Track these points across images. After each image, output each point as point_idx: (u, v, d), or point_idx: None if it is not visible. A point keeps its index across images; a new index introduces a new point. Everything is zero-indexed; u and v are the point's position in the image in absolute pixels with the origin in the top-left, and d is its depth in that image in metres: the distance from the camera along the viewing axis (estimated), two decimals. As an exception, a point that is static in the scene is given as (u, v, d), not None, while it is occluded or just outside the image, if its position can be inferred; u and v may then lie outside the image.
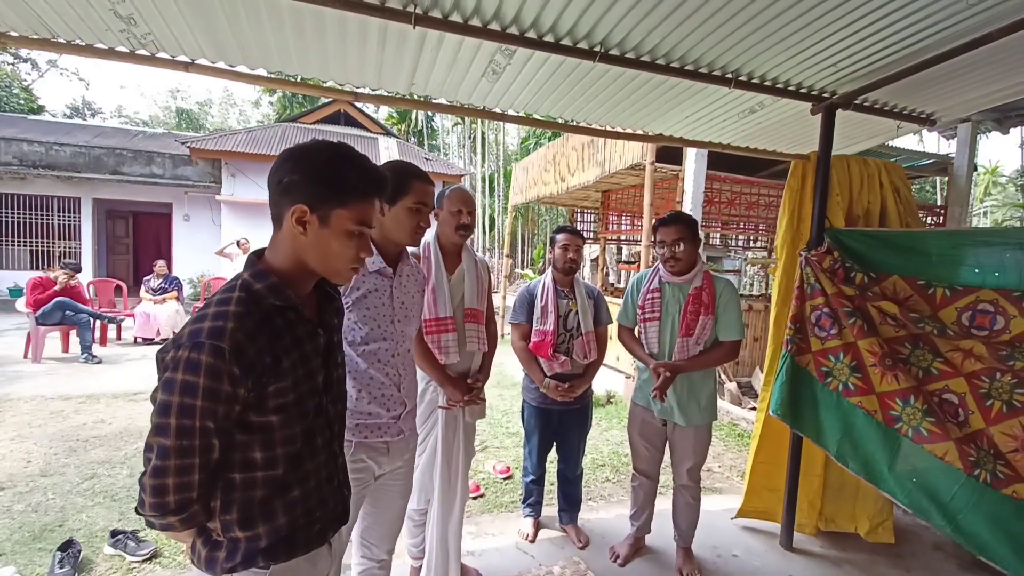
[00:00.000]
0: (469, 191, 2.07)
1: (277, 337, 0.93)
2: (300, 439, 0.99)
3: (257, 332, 0.90)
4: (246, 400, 0.90)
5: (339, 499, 1.12)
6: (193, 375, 0.85)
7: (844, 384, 2.32)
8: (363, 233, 1.00)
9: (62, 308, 6.33)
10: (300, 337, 0.98)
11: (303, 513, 1.01)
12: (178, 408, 0.86)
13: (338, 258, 0.99)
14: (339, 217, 0.97)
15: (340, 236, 0.97)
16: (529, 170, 9.76)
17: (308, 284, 1.04)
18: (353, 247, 0.99)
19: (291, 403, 0.95)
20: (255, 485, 0.95)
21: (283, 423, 0.95)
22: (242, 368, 0.87)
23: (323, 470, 1.05)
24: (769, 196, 6.07)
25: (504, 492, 3.20)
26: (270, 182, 0.98)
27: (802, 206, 2.62)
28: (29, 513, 2.74)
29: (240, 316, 0.89)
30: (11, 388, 5.04)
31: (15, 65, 24.12)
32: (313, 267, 1.00)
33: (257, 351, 0.89)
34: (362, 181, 0.98)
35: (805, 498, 2.74)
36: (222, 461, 0.92)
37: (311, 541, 1.03)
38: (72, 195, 11.71)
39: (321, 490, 1.04)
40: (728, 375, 5.29)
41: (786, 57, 2.08)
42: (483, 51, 2.00)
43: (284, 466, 0.97)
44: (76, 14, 1.74)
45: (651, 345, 2.32)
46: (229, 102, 38.49)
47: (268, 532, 0.96)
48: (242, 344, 0.87)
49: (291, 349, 0.95)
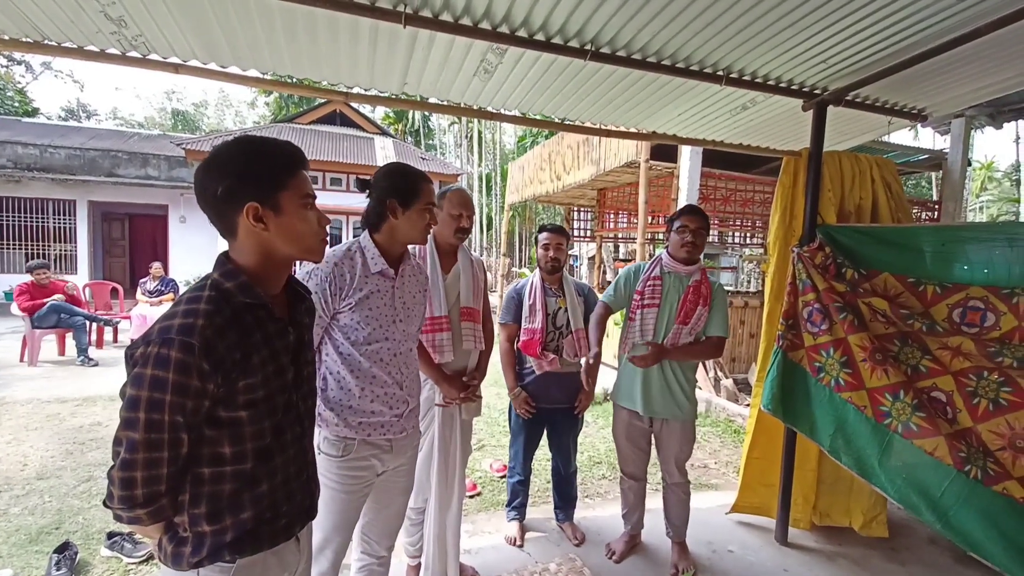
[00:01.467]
0: (468, 193, 2.08)
1: (247, 334, 0.95)
2: (269, 434, 1.00)
3: (227, 329, 0.91)
4: (215, 395, 0.91)
5: (307, 494, 1.13)
6: (163, 370, 0.86)
7: (835, 379, 2.33)
8: (312, 204, 1.03)
9: (58, 311, 6.31)
10: (270, 334, 0.99)
11: (269, 506, 1.01)
12: (147, 402, 0.86)
13: (306, 235, 1.02)
14: (287, 199, 0.99)
15: (298, 214, 1.00)
16: (525, 169, 9.77)
17: (278, 282, 1.05)
18: (313, 218, 1.03)
19: (261, 399, 0.97)
20: (224, 479, 0.96)
21: (252, 418, 0.96)
22: (211, 363, 0.88)
23: (292, 465, 1.06)
24: (764, 193, 6.09)
25: (501, 490, 3.20)
26: (203, 199, 0.98)
27: (794, 202, 2.63)
28: (25, 516, 2.74)
29: (210, 313, 0.91)
30: (7, 391, 5.02)
31: (8, 67, 24.05)
32: (286, 254, 1.02)
33: (226, 347, 0.91)
34: (287, 159, 1.01)
35: (800, 493, 2.75)
36: (191, 456, 0.93)
37: (277, 535, 1.04)
38: (67, 198, 11.68)
39: (289, 484, 1.05)
40: (724, 371, 5.31)
41: (777, 54, 2.09)
42: (474, 50, 2.01)
43: (253, 460, 0.98)
44: (67, 16, 1.74)
45: (647, 330, 2.33)
46: (225, 103, 38.42)
47: (234, 525, 0.97)
48: (211, 340, 0.89)
49: (261, 346, 0.97)
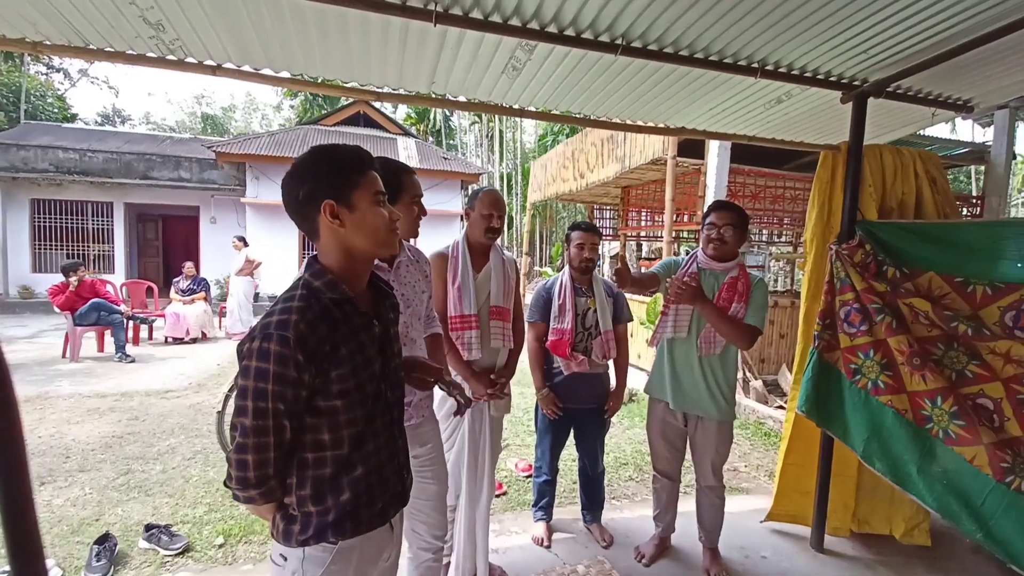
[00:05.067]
0: (499, 193, 2.08)
1: (335, 328, 1.03)
2: (362, 421, 1.08)
3: (317, 323, 1.00)
4: (312, 386, 1.00)
5: (399, 479, 1.20)
6: (264, 362, 0.95)
7: (874, 382, 2.25)
8: (383, 200, 1.11)
9: (97, 309, 6.55)
10: (356, 328, 1.08)
11: (365, 490, 1.09)
12: (253, 392, 0.96)
13: (379, 228, 1.09)
14: (359, 197, 1.07)
15: (370, 209, 1.08)
16: (548, 167, 9.73)
17: (362, 278, 1.14)
18: (384, 213, 1.10)
19: (352, 388, 1.05)
20: (325, 464, 1.05)
21: (346, 407, 1.05)
22: (305, 355, 0.97)
23: (383, 451, 1.14)
24: (795, 189, 5.92)
25: (526, 490, 3.19)
26: (288, 204, 1.09)
27: (832, 198, 2.54)
28: (68, 507, 2.85)
29: (302, 310, 1.00)
30: (51, 386, 5.24)
31: (48, 75, 25.10)
32: (363, 249, 1.10)
33: (318, 340, 0.99)
34: (356, 160, 1.10)
35: (839, 499, 2.66)
36: (296, 442, 1.03)
37: (374, 519, 1.11)
38: (105, 200, 12.12)
39: (382, 469, 1.13)
40: (754, 372, 5.18)
41: (815, 45, 2.01)
42: (503, 47, 1.99)
43: (349, 446, 1.07)
44: (107, 21, 1.79)
45: (680, 325, 2.28)
46: (252, 106, 39.35)
47: (336, 506, 1.06)
48: (304, 334, 0.98)
49: (349, 338, 1.05)
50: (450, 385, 1.54)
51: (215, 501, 2.94)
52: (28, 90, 21.89)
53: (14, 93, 21.33)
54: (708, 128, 2.91)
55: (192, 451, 3.67)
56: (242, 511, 2.82)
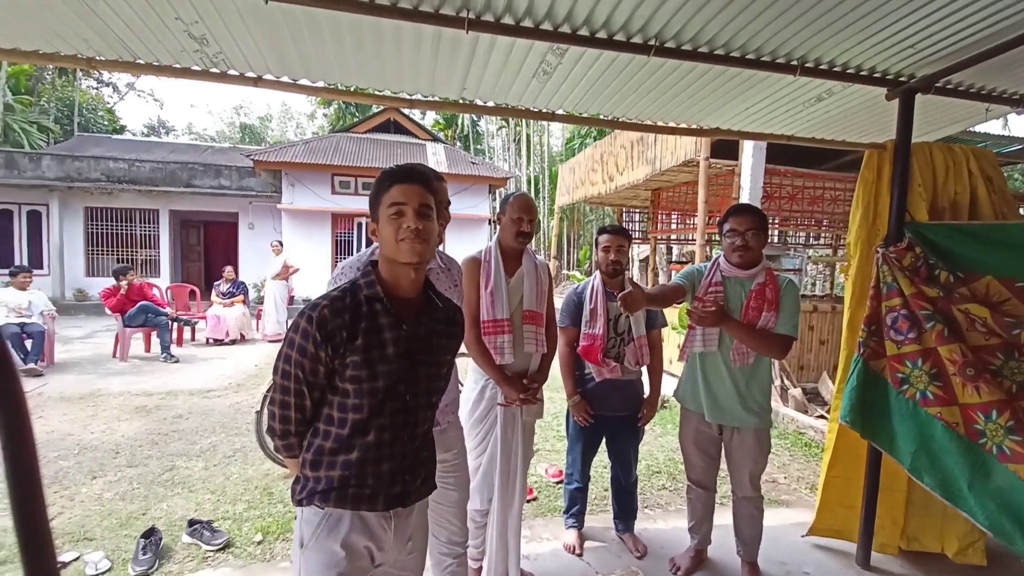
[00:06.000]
0: (530, 197, 2.07)
1: (357, 319, 1.15)
2: (367, 410, 1.17)
3: (342, 312, 1.15)
4: (329, 365, 1.13)
5: (400, 482, 1.23)
6: (294, 333, 1.14)
7: (922, 393, 2.13)
8: (401, 211, 1.18)
9: (145, 311, 6.87)
10: (381, 325, 1.18)
11: (357, 474, 1.18)
12: (283, 356, 1.15)
13: (389, 238, 1.19)
14: (381, 211, 1.21)
15: (385, 222, 1.20)
16: (576, 170, 9.68)
17: (402, 284, 1.23)
18: (394, 224, 1.19)
19: (364, 377, 1.14)
20: (328, 437, 1.18)
21: (355, 392, 1.15)
22: (323, 335, 1.12)
23: (386, 447, 1.20)
24: (835, 190, 5.71)
25: (556, 496, 3.16)
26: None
27: (878, 199, 2.43)
28: (117, 501, 2.98)
29: (333, 299, 1.16)
30: (103, 384, 5.52)
31: (98, 89, 26.58)
32: (389, 256, 1.21)
33: (337, 325, 1.13)
34: (383, 179, 1.23)
35: (887, 515, 2.53)
36: (316, 414, 1.19)
37: (360, 500, 1.19)
38: (151, 207, 12.73)
39: (380, 463, 1.19)
40: (792, 380, 5.00)
41: (858, 41, 1.94)
42: (534, 52, 1.99)
43: (350, 429, 1.17)
44: (154, 36, 1.88)
45: (709, 339, 2.21)
46: (287, 116, 40.64)
47: (325, 478, 1.17)
48: (326, 317, 1.13)
49: (369, 332, 1.15)
50: None
51: (254, 498, 3.03)
52: (80, 104, 23.25)
53: (68, 107, 22.67)
54: (743, 128, 2.83)
55: (232, 449, 3.79)
56: (279, 509, 2.89)
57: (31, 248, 12.12)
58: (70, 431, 4.08)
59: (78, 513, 2.82)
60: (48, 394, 5.06)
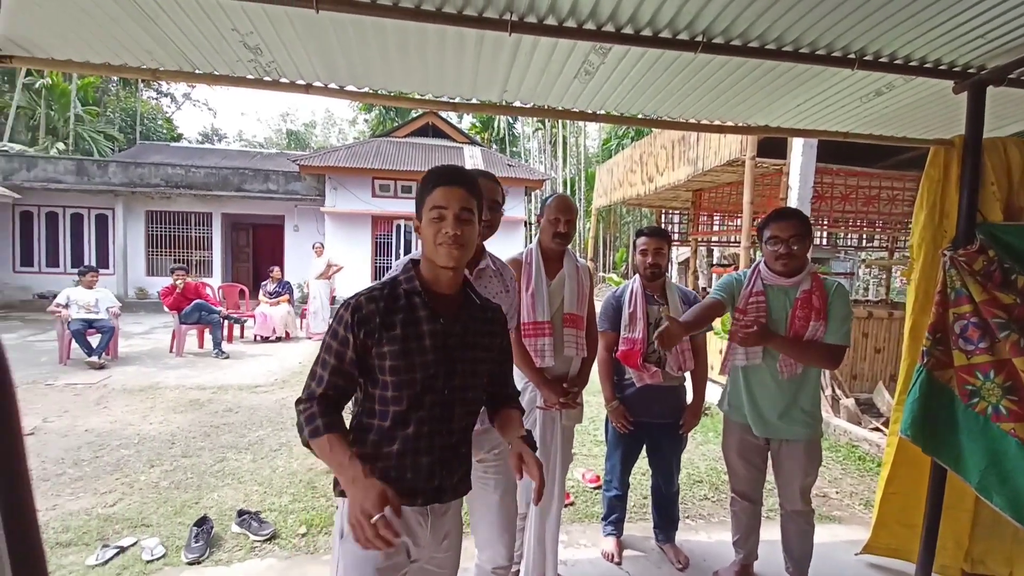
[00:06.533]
0: (569, 198, 2.06)
1: (392, 309, 1.21)
2: (406, 402, 1.21)
3: (377, 300, 1.21)
4: (359, 348, 1.19)
5: (437, 475, 1.25)
6: (335, 317, 1.23)
7: (994, 407, 1.98)
8: (442, 215, 1.21)
9: (199, 309, 7.24)
10: (418, 317, 1.22)
11: (396, 466, 1.21)
12: (328, 331, 1.23)
13: (428, 239, 1.23)
14: (424, 212, 1.24)
15: (426, 223, 1.23)
16: (614, 172, 9.56)
17: (440, 281, 1.26)
18: (434, 227, 1.21)
19: (401, 367, 1.19)
20: (371, 430, 1.23)
21: (394, 384, 1.20)
22: (356, 321, 1.19)
23: (424, 440, 1.23)
24: (893, 189, 5.41)
25: (594, 502, 3.11)
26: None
27: (945, 198, 2.27)
28: (172, 490, 3.14)
29: (372, 290, 1.24)
30: (161, 377, 5.85)
31: (158, 99, 28.29)
32: (429, 256, 1.25)
33: (369, 312, 1.20)
34: (428, 179, 1.26)
35: (950, 535, 2.36)
36: (363, 409, 1.25)
37: (400, 495, 1.16)
38: (205, 210, 13.41)
39: (419, 456, 1.22)
40: (844, 389, 4.76)
41: (923, 31, 1.82)
42: (577, 52, 1.97)
43: (391, 421, 1.21)
44: (212, 47, 1.97)
45: (752, 353, 2.12)
46: (330, 122, 42.06)
47: (370, 472, 1.15)
48: (362, 305, 1.20)
49: (407, 322, 1.21)
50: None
51: (298, 492, 3.13)
52: (142, 113, 24.81)
53: (131, 116, 24.24)
54: (794, 126, 2.71)
55: (278, 443, 3.93)
56: (322, 503, 2.97)
57: (99, 249, 13.00)
58: (131, 421, 4.34)
59: (136, 500, 2.98)
60: (112, 386, 5.40)
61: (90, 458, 3.56)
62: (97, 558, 2.38)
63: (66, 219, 12.87)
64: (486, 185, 1.92)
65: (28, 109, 18.93)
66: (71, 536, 2.58)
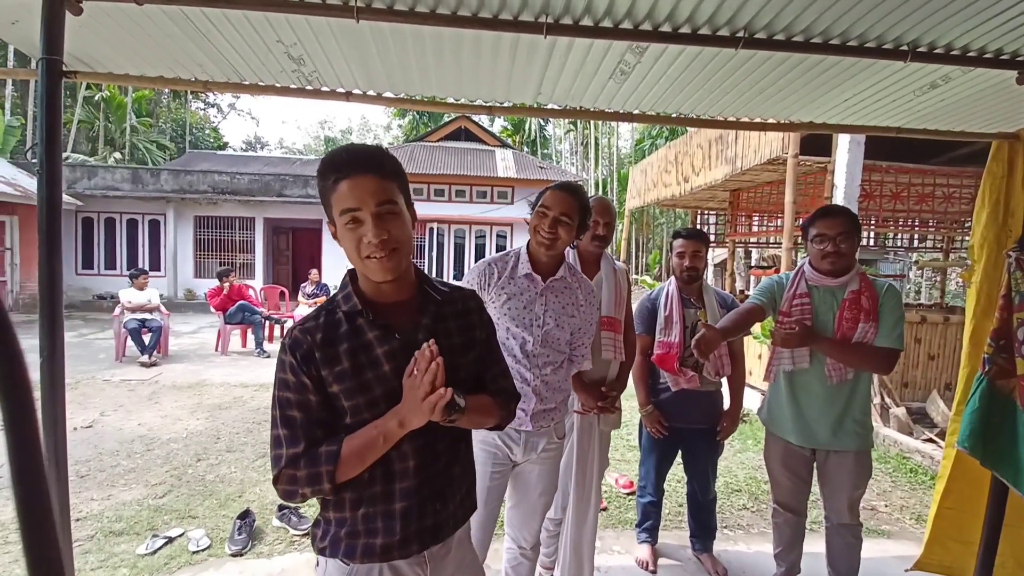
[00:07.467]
0: (607, 200, 2.04)
1: (334, 340, 1.00)
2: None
3: (313, 332, 1.00)
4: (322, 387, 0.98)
5: (428, 513, 1.05)
6: (277, 365, 1.01)
7: None
8: (357, 219, 0.96)
9: (243, 310, 7.54)
10: (367, 341, 1.01)
11: (383, 512, 1.01)
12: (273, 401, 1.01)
13: (350, 252, 1.00)
14: (333, 215, 0.99)
15: (342, 231, 0.99)
16: (648, 172, 9.41)
17: (384, 290, 1.04)
18: (352, 236, 0.97)
19: (361, 405, 0.99)
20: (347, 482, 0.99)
21: (359, 426, 0.98)
22: (300, 359, 0.97)
23: (410, 479, 1.02)
24: (948, 186, 5.12)
25: (628, 508, 3.07)
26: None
27: (1010, 196, 2.14)
28: (217, 483, 3.27)
29: (305, 321, 1.03)
30: (207, 375, 6.12)
31: (206, 110, 29.72)
32: (360, 271, 1.04)
33: (310, 345, 0.98)
34: (325, 169, 0.97)
35: (1010, 554, 2.20)
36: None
37: (391, 549, 1.02)
38: (249, 215, 13.97)
39: (408, 498, 1.02)
40: (894, 398, 4.52)
41: (982, 20, 1.71)
42: (612, 52, 1.95)
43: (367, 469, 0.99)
44: (258, 59, 2.05)
45: (799, 356, 2.03)
46: (365, 128, 43.11)
47: (350, 519, 1.02)
48: (298, 340, 0.99)
49: (355, 351, 0.99)
50: None
51: (334, 489, 3.21)
52: (191, 124, 26.10)
53: (181, 126, 25.56)
54: (840, 122, 2.60)
55: (315, 441, 4.04)
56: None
57: (151, 253, 13.73)
58: (179, 416, 4.55)
59: (184, 492, 3.12)
60: (163, 382, 5.69)
61: (142, 451, 3.75)
62: (147, 547, 2.50)
63: (122, 224, 13.66)
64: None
65: (88, 122, 20.24)
66: (123, 526, 2.72)
